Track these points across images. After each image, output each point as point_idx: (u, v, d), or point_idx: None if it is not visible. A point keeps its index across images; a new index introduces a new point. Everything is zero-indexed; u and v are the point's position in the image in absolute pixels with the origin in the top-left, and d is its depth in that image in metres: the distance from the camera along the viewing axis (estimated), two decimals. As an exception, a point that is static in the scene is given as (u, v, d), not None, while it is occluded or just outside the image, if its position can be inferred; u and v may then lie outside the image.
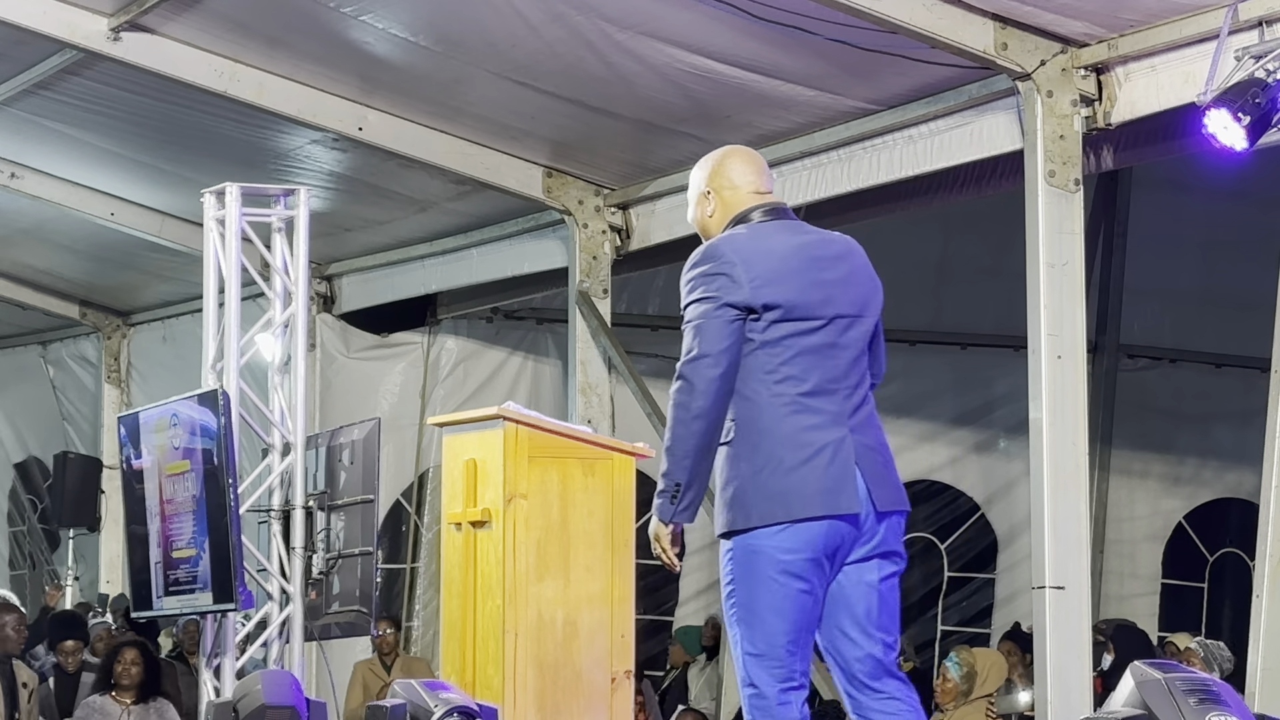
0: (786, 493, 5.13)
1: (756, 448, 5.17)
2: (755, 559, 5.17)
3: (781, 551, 5.14)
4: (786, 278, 5.22)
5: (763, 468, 5.15)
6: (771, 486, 5.14)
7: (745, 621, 5.19)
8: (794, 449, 5.15)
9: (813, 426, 5.18)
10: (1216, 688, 5.09)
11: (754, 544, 5.17)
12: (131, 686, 10.42)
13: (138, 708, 10.40)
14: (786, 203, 5.62)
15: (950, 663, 9.58)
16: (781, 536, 5.13)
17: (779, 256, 5.26)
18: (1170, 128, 8.58)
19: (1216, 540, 14.89)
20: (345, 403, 13.48)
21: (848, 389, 5.33)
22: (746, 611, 5.19)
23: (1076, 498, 8.41)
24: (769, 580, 5.15)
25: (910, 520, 5.46)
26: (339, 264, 13.85)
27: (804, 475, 5.14)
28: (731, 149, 5.69)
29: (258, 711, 8.11)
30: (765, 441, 5.16)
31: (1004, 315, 12.48)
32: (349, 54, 10.24)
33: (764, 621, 5.16)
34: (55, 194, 13.39)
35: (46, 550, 17.38)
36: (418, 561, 14.04)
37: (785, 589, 5.13)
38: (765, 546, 5.15)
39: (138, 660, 10.48)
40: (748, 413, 5.19)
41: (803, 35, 8.67)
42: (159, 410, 10.22)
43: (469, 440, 7.44)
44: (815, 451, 5.16)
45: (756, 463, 5.16)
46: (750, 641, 5.18)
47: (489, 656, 7.24)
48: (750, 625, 5.18)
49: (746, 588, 5.19)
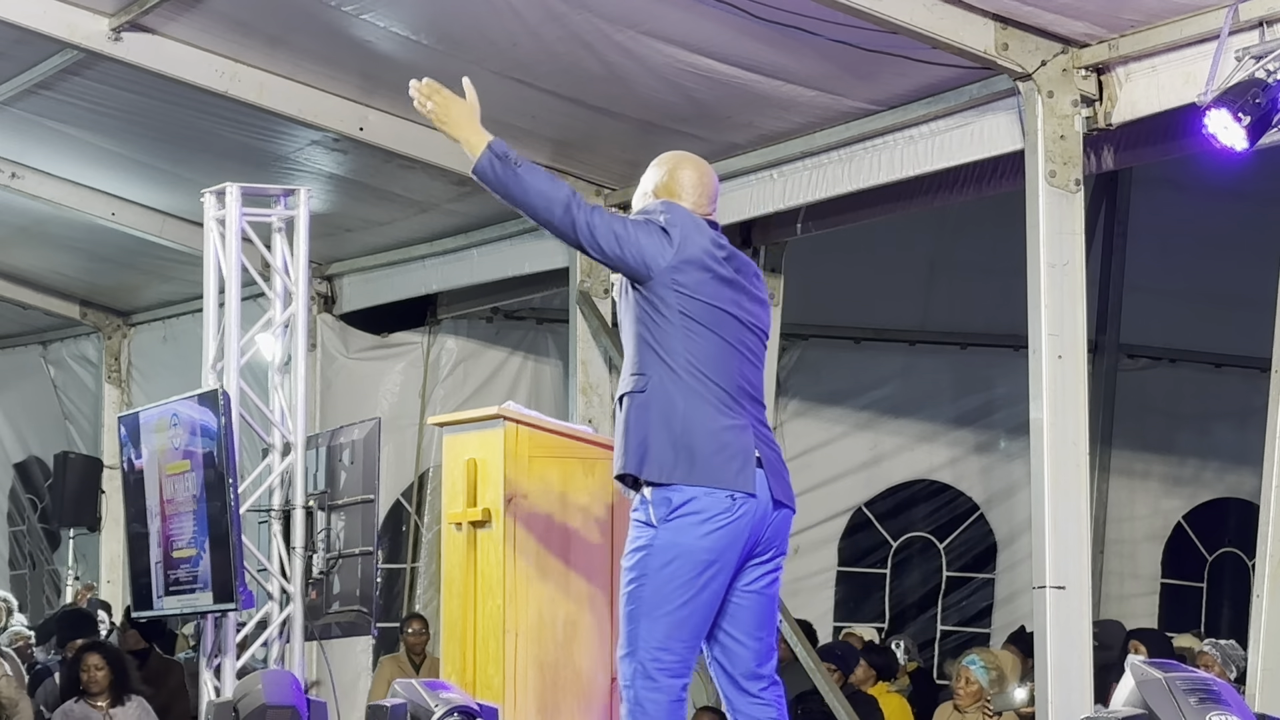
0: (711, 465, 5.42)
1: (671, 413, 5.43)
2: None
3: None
4: (706, 271, 5.53)
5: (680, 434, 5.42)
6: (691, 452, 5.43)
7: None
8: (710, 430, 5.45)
9: (724, 418, 5.49)
10: (1217, 687, 5.10)
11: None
12: (101, 691, 10.33)
13: (118, 710, 10.33)
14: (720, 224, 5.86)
15: (975, 666, 9.45)
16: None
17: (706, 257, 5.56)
18: (1171, 128, 8.58)
19: (1216, 540, 14.89)
20: (345, 403, 13.48)
21: (753, 391, 5.62)
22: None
23: (1077, 498, 8.41)
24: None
25: (910, 520, 5.55)
26: (339, 264, 13.85)
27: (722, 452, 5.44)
28: (689, 160, 5.88)
29: (258, 711, 8.12)
30: (677, 414, 5.43)
31: (1004, 315, 12.48)
32: (350, 53, 10.25)
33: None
34: (55, 194, 13.39)
35: (47, 550, 17.38)
36: (418, 561, 14.04)
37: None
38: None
39: (101, 664, 10.38)
40: (662, 380, 5.46)
41: (804, 35, 8.67)
42: (159, 410, 10.23)
43: (469, 440, 7.45)
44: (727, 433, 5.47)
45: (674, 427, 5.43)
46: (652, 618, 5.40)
47: (489, 656, 7.24)
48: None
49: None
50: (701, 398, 5.45)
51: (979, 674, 9.38)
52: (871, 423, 14.25)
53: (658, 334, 5.48)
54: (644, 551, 5.43)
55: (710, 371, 5.47)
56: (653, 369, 5.47)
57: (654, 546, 5.41)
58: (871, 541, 14.19)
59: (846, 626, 13.64)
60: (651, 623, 5.39)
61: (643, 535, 5.45)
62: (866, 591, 14.28)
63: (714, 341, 5.50)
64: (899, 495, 14.18)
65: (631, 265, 5.48)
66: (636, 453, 5.44)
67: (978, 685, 9.37)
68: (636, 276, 5.50)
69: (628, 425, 5.49)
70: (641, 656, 5.40)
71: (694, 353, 5.47)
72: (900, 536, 14.16)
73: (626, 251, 5.45)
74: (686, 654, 5.45)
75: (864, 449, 14.17)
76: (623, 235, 5.46)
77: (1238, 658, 9.88)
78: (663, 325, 5.47)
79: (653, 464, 5.42)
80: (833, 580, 14.22)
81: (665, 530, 5.40)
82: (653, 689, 5.40)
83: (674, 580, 5.39)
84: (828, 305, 13.88)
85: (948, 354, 14.33)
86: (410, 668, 12.12)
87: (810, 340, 14.09)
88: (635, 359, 5.52)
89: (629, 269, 5.49)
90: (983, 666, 9.41)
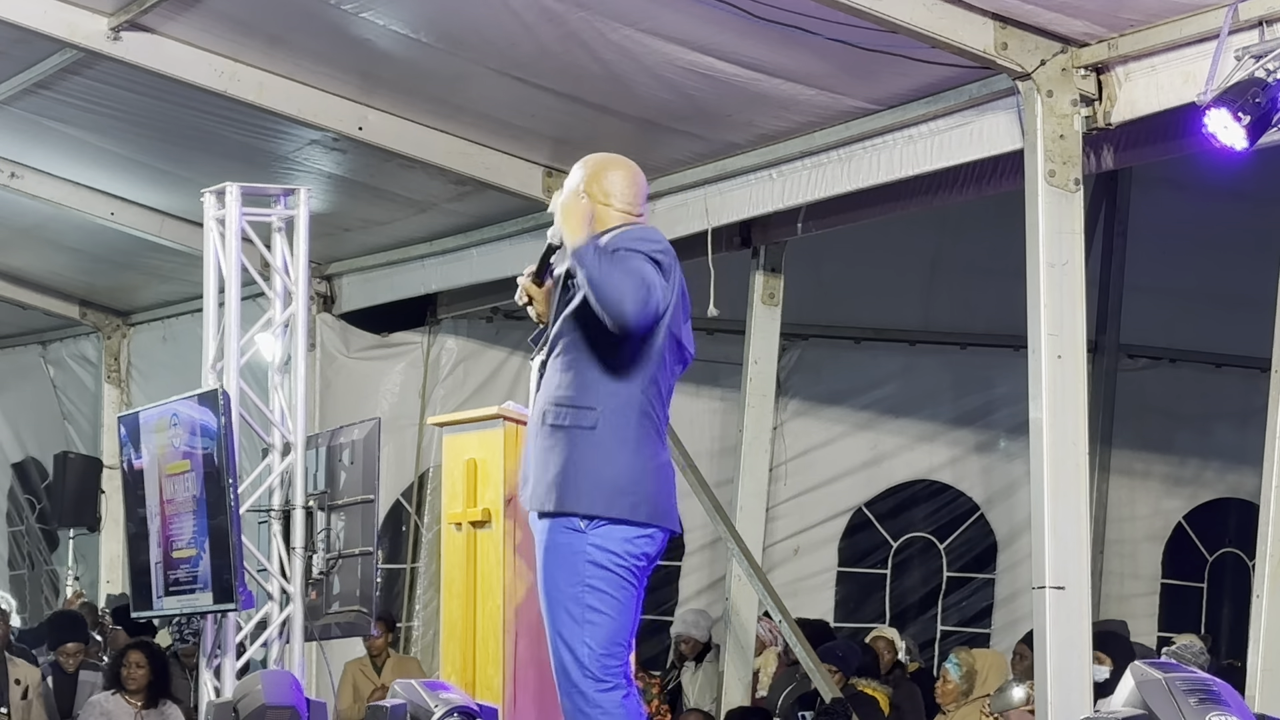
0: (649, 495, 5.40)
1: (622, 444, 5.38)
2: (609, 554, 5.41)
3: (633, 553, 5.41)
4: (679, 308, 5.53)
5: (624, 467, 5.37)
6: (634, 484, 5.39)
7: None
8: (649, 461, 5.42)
9: (660, 447, 5.48)
10: (1217, 688, 5.09)
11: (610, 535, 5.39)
12: (139, 689, 10.41)
13: (150, 711, 10.39)
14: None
15: (950, 664, 9.62)
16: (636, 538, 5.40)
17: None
18: (1170, 127, 8.57)
19: (1216, 540, 14.88)
20: (345, 403, 13.48)
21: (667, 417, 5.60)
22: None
23: (1077, 498, 8.40)
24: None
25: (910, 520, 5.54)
26: (339, 264, 13.85)
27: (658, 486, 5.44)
28: (618, 160, 5.79)
29: (258, 711, 8.11)
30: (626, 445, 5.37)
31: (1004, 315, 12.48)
32: (349, 51, 10.24)
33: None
34: (55, 194, 13.39)
35: (46, 550, 17.39)
36: (418, 561, 14.03)
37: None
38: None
39: (143, 662, 10.48)
40: (617, 407, 5.38)
41: (803, 35, 8.67)
42: (159, 410, 10.22)
43: (469, 440, 7.45)
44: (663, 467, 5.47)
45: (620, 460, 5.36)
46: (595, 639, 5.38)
47: (489, 656, 7.24)
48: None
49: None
50: (653, 436, 5.42)
51: (953, 672, 9.50)
52: (871, 423, 14.24)
53: (619, 363, 5.37)
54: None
55: (660, 408, 5.46)
56: (604, 401, 5.37)
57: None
58: (872, 542, 14.18)
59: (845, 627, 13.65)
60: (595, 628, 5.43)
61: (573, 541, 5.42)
62: (867, 592, 14.27)
63: (667, 377, 5.48)
64: (899, 495, 14.17)
65: (653, 320, 5.35)
66: (572, 488, 5.38)
67: (954, 684, 9.48)
68: (640, 333, 5.35)
69: (566, 455, 5.40)
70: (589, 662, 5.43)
71: (649, 391, 5.41)
72: (900, 537, 14.15)
73: (656, 309, 5.34)
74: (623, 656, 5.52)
75: (864, 449, 14.17)
76: (655, 298, 5.31)
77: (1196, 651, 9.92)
78: (629, 355, 5.39)
79: (598, 500, 5.37)
80: (833, 580, 14.21)
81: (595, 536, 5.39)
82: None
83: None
84: (828, 305, 13.88)
85: (948, 354, 14.32)
86: (373, 670, 12.11)
87: (810, 340, 14.08)
88: (585, 382, 5.39)
89: (639, 329, 5.33)
90: (956, 665, 9.53)
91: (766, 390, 11.99)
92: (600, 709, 5.35)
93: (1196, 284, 13.83)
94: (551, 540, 5.43)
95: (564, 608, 5.41)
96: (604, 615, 5.39)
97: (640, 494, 5.37)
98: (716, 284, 10.66)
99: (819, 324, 13.99)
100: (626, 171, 5.70)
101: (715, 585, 13.27)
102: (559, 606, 5.43)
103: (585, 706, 5.37)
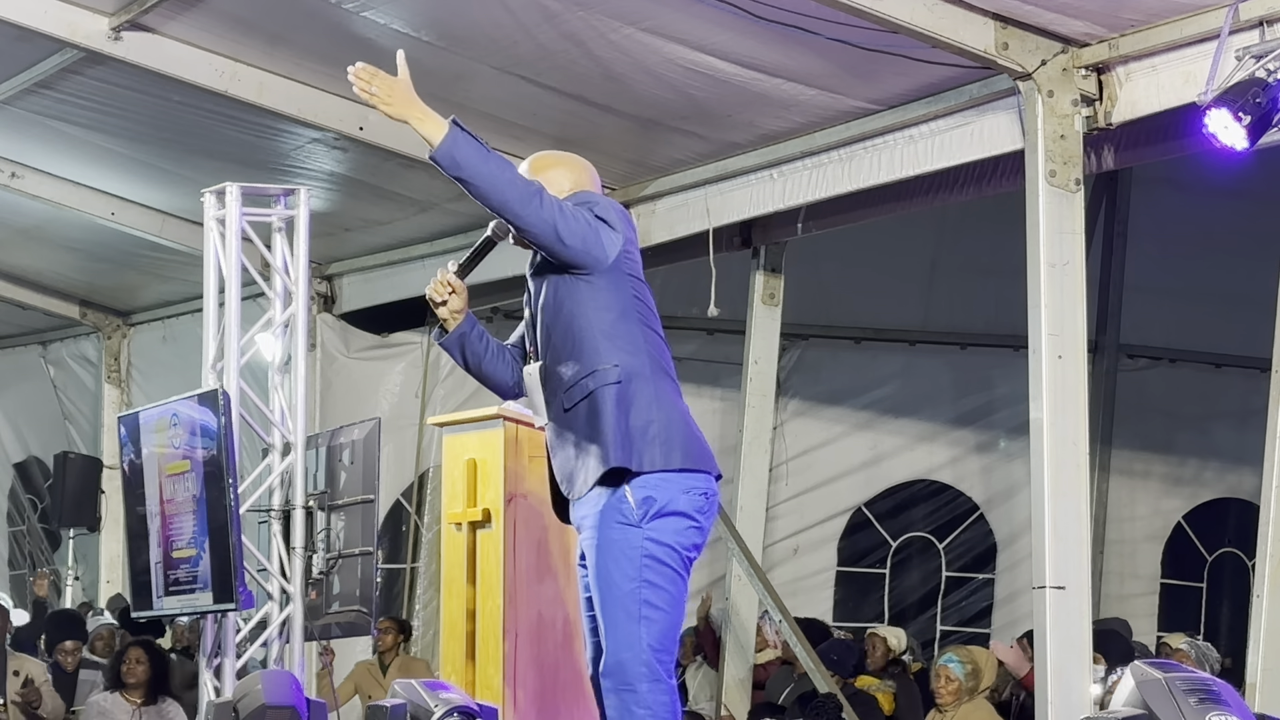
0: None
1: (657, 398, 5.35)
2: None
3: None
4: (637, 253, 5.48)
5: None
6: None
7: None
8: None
9: (679, 396, 5.47)
10: (1217, 687, 5.09)
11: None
12: (138, 686, 10.43)
13: (149, 709, 10.40)
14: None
15: (952, 663, 9.58)
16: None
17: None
18: (1171, 127, 8.58)
19: (1216, 540, 14.90)
20: (345, 403, 13.48)
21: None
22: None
23: (1077, 498, 8.41)
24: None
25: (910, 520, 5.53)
26: (339, 264, 13.85)
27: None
28: (563, 157, 5.73)
29: (258, 711, 8.10)
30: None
31: (1004, 315, 12.48)
32: (350, 51, 10.17)
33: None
34: (55, 194, 13.40)
35: (47, 550, 17.39)
36: (418, 561, 14.04)
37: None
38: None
39: (143, 659, 10.49)
40: (632, 363, 5.34)
41: (804, 35, 8.67)
42: (159, 410, 10.22)
43: (469, 440, 7.45)
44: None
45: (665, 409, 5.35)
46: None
47: (489, 656, 7.24)
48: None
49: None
50: (672, 385, 5.38)
51: (956, 670, 9.46)
52: (871, 423, 14.25)
53: (618, 321, 5.34)
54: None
55: (668, 356, 5.44)
56: (619, 357, 5.31)
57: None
58: (871, 541, 14.19)
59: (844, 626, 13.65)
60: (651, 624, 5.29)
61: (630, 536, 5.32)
62: (866, 592, 14.28)
63: (657, 325, 5.45)
64: (899, 495, 14.18)
65: (595, 256, 5.27)
66: (623, 443, 5.27)
67: (957, 682, 9.45)
68: (597, 265, 5.30)
69: (601, 415, 5.28)
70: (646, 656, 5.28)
71: (651, 340, 5.39)
72: (900, 536, 14.16)
73: (600, 239, 5.28)
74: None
75: (864, 449, 14.17)
76: (590, 224, 5.27)
77: (1212, 659, 9.93)
78: (622, 311, 5.35)
79: (648, 453, 5.28)
80: (832, 580, 14.22)
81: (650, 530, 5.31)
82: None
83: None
84: (828, 305, 13.89)
85: (948, 354, 14.34)
86: (379, 670, 12.12)
87: (810, 340, 14.09)
88: (593, 349, 5.32)
89: (592, 259, 5.28)
90: (959, 663, 9.50)
91: (766, 390, 12.00)
92: (649, 710, 5.21)
93: (1196, 284, 13.84)
94: (606, 537, 5.31)
95: (621, 605, 5.26)
96: (660, 611, 5.27)
97: (676, 440, 5.30)
98: (717, 284, 10.67)
99: (819, 324, 14.00)
100: (568, 168, 5.66)
101: (715, 585, 13.26)
102: (616, 605, 5.27)
103: (635, 706, 5.22)
